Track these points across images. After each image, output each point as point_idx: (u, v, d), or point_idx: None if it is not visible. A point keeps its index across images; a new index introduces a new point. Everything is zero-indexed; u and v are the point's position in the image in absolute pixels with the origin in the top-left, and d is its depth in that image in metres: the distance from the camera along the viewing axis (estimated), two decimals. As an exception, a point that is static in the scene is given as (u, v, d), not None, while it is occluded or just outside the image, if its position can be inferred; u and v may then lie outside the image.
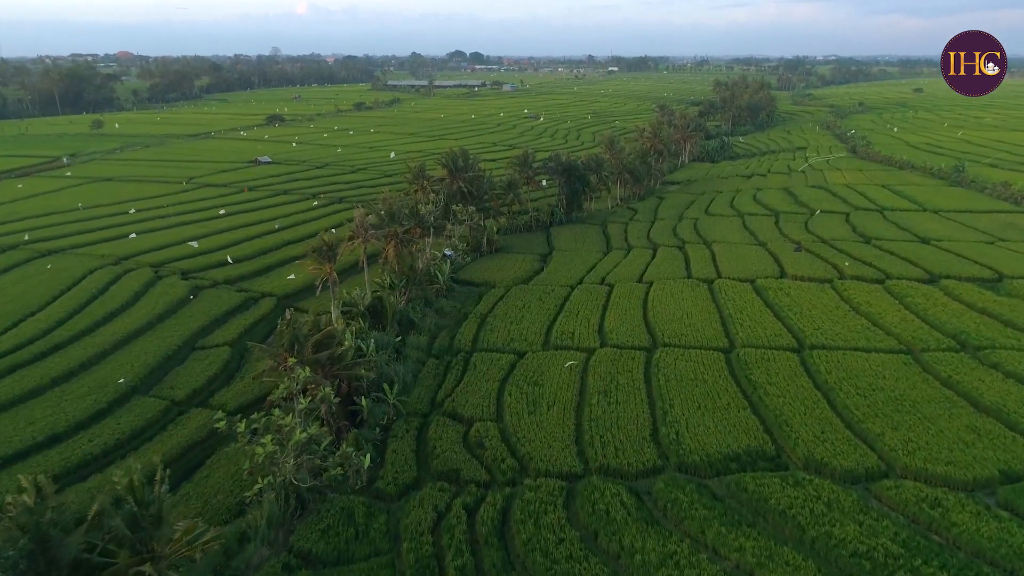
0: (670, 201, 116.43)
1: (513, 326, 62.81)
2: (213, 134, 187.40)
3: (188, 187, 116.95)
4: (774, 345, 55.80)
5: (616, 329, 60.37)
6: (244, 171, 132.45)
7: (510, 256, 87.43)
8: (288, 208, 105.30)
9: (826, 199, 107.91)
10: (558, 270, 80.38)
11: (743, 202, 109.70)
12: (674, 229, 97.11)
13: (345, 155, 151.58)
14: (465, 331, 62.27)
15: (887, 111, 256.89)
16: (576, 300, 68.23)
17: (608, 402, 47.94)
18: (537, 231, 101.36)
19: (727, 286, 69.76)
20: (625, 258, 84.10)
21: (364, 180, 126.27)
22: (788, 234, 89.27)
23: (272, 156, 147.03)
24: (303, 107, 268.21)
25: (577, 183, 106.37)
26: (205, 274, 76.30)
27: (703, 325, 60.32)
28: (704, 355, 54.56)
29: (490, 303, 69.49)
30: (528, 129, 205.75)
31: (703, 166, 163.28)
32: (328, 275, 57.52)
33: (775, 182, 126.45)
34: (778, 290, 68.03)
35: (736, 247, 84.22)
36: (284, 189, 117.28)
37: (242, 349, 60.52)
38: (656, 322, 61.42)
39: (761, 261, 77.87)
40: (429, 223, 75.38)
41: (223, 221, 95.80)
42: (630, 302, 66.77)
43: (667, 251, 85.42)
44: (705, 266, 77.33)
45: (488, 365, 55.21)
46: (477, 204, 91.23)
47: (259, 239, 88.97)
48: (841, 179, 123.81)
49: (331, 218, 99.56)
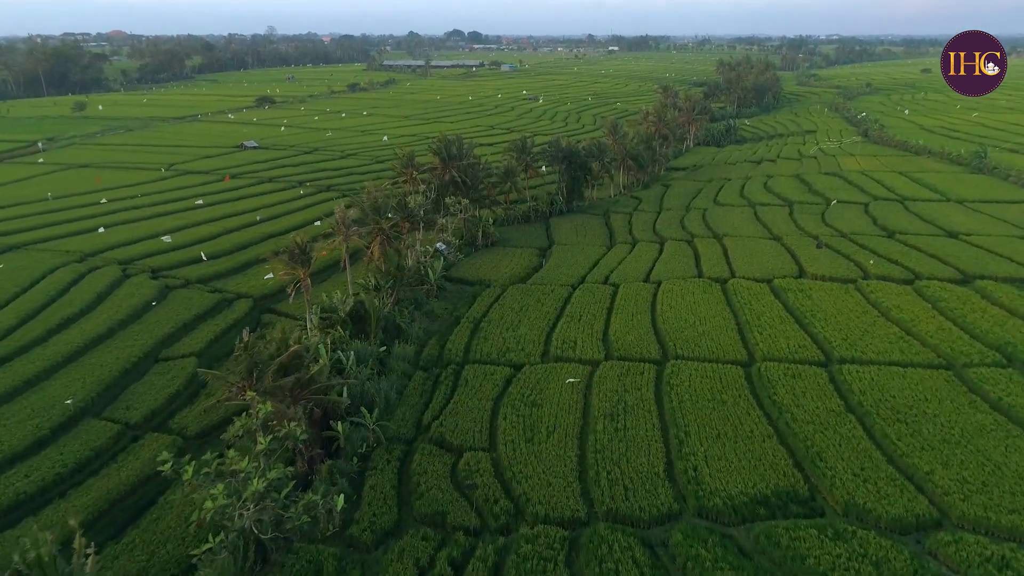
0: (676, 189, 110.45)
1: (509, 333, 57.31)
2: (200, 117, 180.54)
3: (167, 174, 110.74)
4: (798, 358, 50.27)
5: (622, 338, 54.84)
6: (228, 157, 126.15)
7: (507, 250, 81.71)
8: (272, 197, 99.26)
9: (842, 187, 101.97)
10: (558, 267, 74.72)
11: (754, 190, 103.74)
12: (682, 220, 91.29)
13: (335, 139, 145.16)
14: (456, 339, 56.77)
15: (896, 92, 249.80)
16: (578, 303, 62.67)
17: (615, 428, 42.51)
18: (536, 222, 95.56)
19: (742, 287, 64.16)
20: (630, 253, 78.38)
21: (354, 167, 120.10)
22: (804, 226, 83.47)
23: (259, 140, 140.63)
24: (296, 88, 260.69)
25: (578, 171, 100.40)
26: (177, 272, 70.57)
27: (718, 334, 54.77)
28: (721, 370, 49.07)
29: (484, 305, 63.94)
30: (527, 111, 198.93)
31: (709, 150, 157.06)
32: (301, 281, 51.73)
33: (786, 168, 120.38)
34: (798, 292, 62.43)
35: (749, 241, 78.48)
36: (269, 176, 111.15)
37: (211, 360, 55.02)
38: (666, 330, 55.87)
39: (777, 258, 72.18)
40: (418, 217, 69.59)
41: (201, 212, 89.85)
42: (637, 306, 61.19)
43: (675, 246, 79.68)
44: (717, 263, 71.65)
45: (481, 380, 49.76)
46: (471, 195, 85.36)
47: (238, 232, 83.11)
48: (855, 165, 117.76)
49: (317, 208, 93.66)
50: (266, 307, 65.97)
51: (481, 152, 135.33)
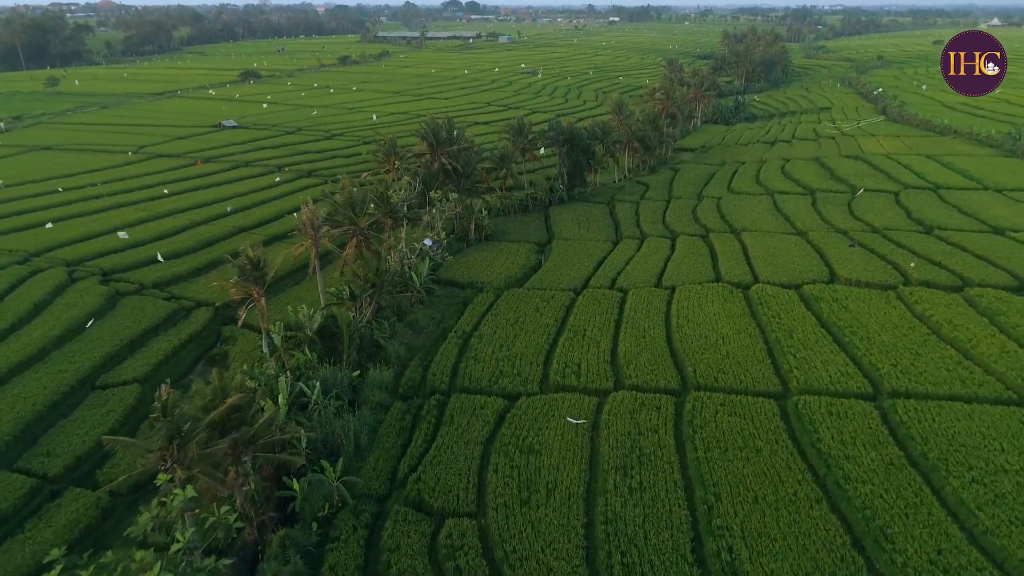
0: (686, 174, 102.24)
1: (503, 351, 49.83)
2: (180, 93, 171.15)
3: (135, 158, 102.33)
4: (841, 390, 42.81)
5: (634, 361, 47.34)
6: (204, 138, 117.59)
7: (502, 246, 73.94)
8: (247, 184, 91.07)
9: (867, 173, 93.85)
10: (559, 267, 67.01)
11: (771, 176, 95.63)
12: (694, 211, 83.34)
13: (321, 118, 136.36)
14: (443, 359, 49.29)
15: (908, 65, 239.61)
16: (581, 313, 55.11)
17: (629, 487, 35.17)
18: (534, 211, 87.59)
19: (768, 295, 56.56)
20: (639, 251, 70.60)
21: (339, 149, 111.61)
22: (831, 220, 75.59)
23: (239, 119, 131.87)
24: (284, 61, 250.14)
25: (580, 154, 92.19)
26: (131, 275, 62.85)
27: (744, 356, 47.26)
28: (751, 405, 41.66)
29: (476, 315, 56.39)
30: (525, 86, 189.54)
31: (717, 129, 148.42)
32: (255, 301, 43.93)
33: (803, 151, 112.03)
34: (832, 301, 54.83)
35: (771, 238, 70.68)
36: (245, 160, 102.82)
37: (156, 387, 47.50)
38: (684, 350, 48.36)
39: (804, 258, 64.48)
40: (402, 213, 61.69)
41: (165, 203, 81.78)
42: (649, 318, 53.62)
43: (688, 242, 71.87)
44: (737, 264, 63.95)
45: (469, 415, 42.38)
46: (463, 184, 77.34)
47: (205, 226, 75.17)
48: (878, 147, 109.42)
49: (295, 197, 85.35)
50: (230, 317, 58.31)
51: (476, 132, 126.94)
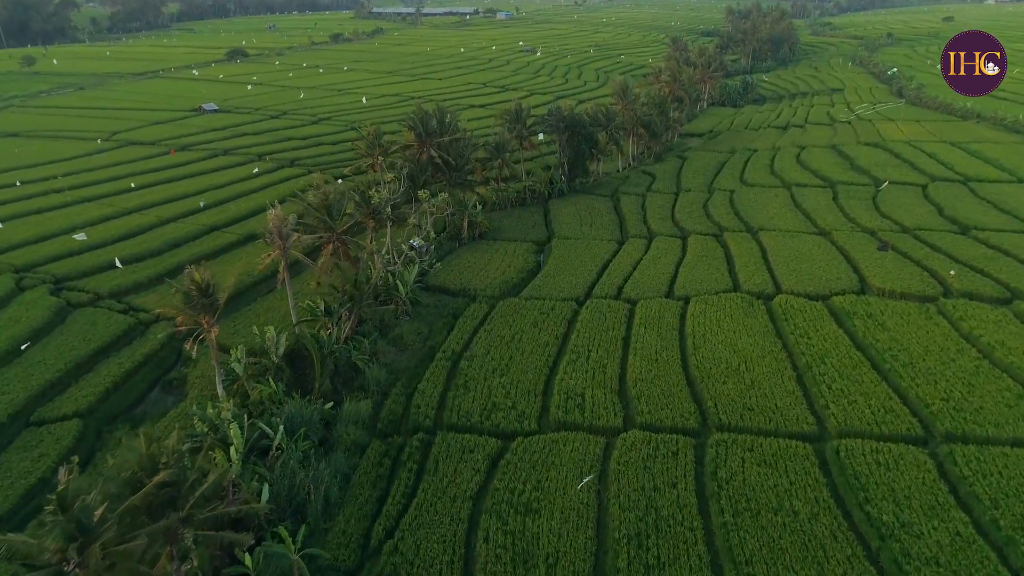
0: (695, 163, 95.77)
1: (496, 377, 44.03)
2: (162, 73, 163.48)
3: (105, 146, 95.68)
4: (887, 432, 37.03)
5: (646, 391, 41.54)
6: (182, 123, 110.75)
7: (497, 245, 67.89)
8: (224, 176, 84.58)
9: (889, 163, 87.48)
10: (559, 271, 61.00)
11: (786, 166, 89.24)
12: (705, 206, 77.11)
13: (308, 100, 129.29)
14: (429, 386, 43.49)
15: (919, 43, 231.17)
16: (585, 329, 49.22)
17: (646, 564, 29.50)
18: (532, 205, 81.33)
19: (793, 309, 50.64)
20: (647, 253, 64.50)
21: (325, 135, 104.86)
22: (855, 217, 69.46)
23: (221, 102, 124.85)
24: (274, 39, 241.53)
25: (582, 143, 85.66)
26: (86, 282, 56.83)
27: (772, 386, 41.46)
28: (783, 449, 35.93)
29: (467, 331, 50.51)
30: (523, 65, 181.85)
31: (725, 112, 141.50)
32: (206, 330, 37.88)
33: (818, 136, 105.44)
34: (866, 317, 48.93)
35: (791, 238, 64.61)
36: (225, 148, 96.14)
37: (101, 422, 41.77)
38: (702, 378, 42.55)
39: (830, 263, 58.50)
40: (385, 214, 55.48)
41: (132, 197, 75.39)
42: (661, 336, 47.76)
43: (701, 242, 65.77)
44: (756, 271, 57.94)
45: (457, 460, 36.70)
46: (455, 177, 71.04)
47: (174, 224, 68.94)
48: (898, 133, 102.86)
49: (275, 190, 79.13)
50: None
51: (471, 116, 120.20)
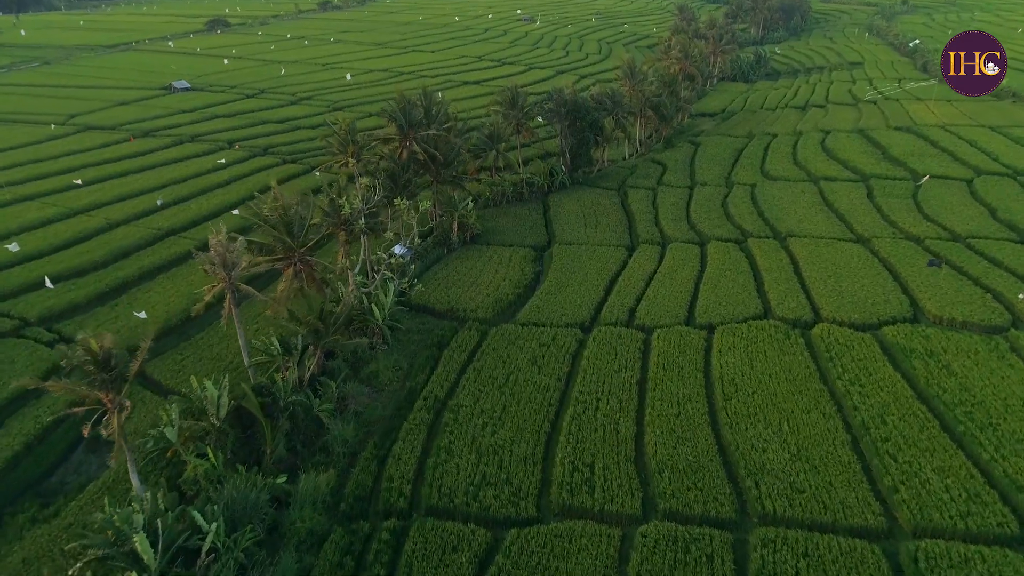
0: (709, 150, 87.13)
1: (487, 438, 36.55)
2: (135, 45, 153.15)
3: (60, 131, 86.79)
4: (974, 531, 29.54)
5: (669, 461, 34.00)
6: (150, 103, 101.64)
7: (491, 251, 60.01)
8: (188, 167, 75.93)
9: (925, 152, 79.05)
10: (562, 286, 53.12)
11: (811, 155, 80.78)
12: (724, 203, 68.95)
13: (289, 77, 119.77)
14: (405, 449, 35.99)
15: (937, 11, 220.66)
16: (592, 370, 41.60)
17: None
18: (531, 200, 73.12)
19: (837, 343, 42.96)
20: (661, 264, 56.50)
21: (304, 117, 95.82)
22: (896, 219, 61.43)
23: (194, 79, 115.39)
24: (259, 7, 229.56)
25: (586, 130, 77.09)
26: (13, 304, 48.87)
27: (823, 455, 33.91)
28: (846, 551, 28.48)
29: (453, 367, 42.93)
30: (521, 36, 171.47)
31: (737, 87, 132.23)
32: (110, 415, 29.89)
33: (842, 119, 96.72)
34: (926, 357, 41.26)
35: (825, 247, 56.67)
36: (193, 133, 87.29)
37: (4, 498, 34.21)
38: (736, 441, 35.00)
39: (874, 281, 50.67)
40: (358, 227, 47.34)
41: (80, 195, 66.95)
42: (683, 381, 40.13)
43: (722, 251, 57.74)
44: (789, 290, 50.08)
45: (436, 562, 29.25)
46: (444, 173, 62.71)
47: (124, 228, 60.78)
48: (930, 116, 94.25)
49: (244, 184, 70.85)
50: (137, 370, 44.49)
51: (465, 93, 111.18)
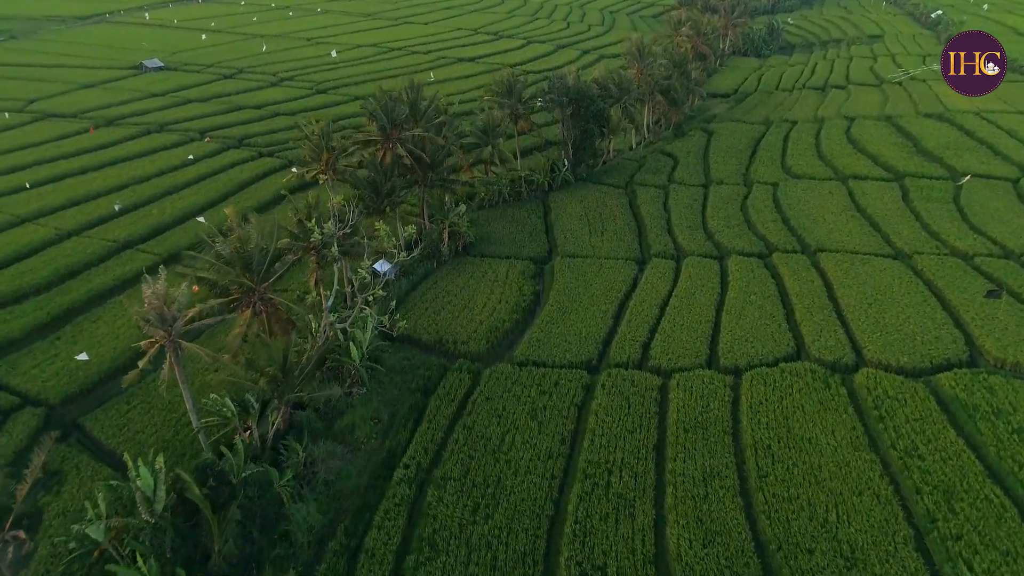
0: (723, 139, 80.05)
1: (479, 525, 30.77)
2: (109, 16, 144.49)
3: (15, 120, 79.52)
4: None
5: (698, 564, 28.22)
6: (118, 85, 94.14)
7: (486, 265, 53.79)
8: (153, 163, 69.03)
9: (962, 144, 72.21)
10: (564, 313, 46.92)
11: (836, 147, 73.91)
12: (743, 206, 62.42)
13: (271, 54, 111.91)
14: (379, 543, 30.28)
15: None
16: (601, 430, 35.77)
17: None
18: (530, 200, 66.57)
19: (885, 395, 36.99)
20: (676, 284, 50.09)
21: (284, 102, 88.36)
22: (938, 229, 54.95)
23: (168, 56, 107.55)
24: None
25: (591, 121, 70.08)
26: (-63, 341, 42.78)
27: (881, 560, 28.12)
28: None
29: (440, 424, 37.16)
30: (520, 5, 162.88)
31: (750, 64, 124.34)
32: None
33: (867, 103, 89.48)
34: (992, 417, 35.28)
35: (861, 264, 50.34)
36: (162, 122, 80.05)
37: None
38: (779, 541, 29.16)
39: (920, 309, 44.50)
40: (331, 256, 40.87)
41: (26, 200, 60.29)
42: (708, 446, 34.26)
43: (744, 268, 51.36)
44: (824, 322, 43.88)
45: None
46: (431, 177, 56.02)
47: (75, 240, 54.31)
48: (962, 100, 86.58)
49: (214, 183, 64.36)
50: (74, 417, 38.61)
51: (460, 71, 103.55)
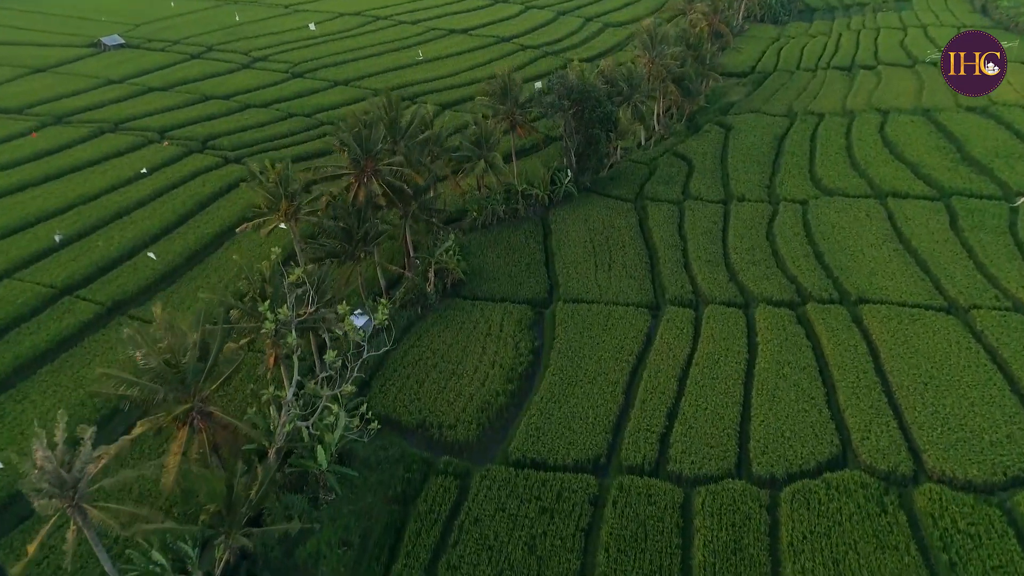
0: (742, 137, 71.73)
1: None
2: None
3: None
4: None
5: None
6: (70, 69, 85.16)
7: (477, 312, 47.17)
8: (104, 176, 60.96)
9: (1014, 151, 64.04)
10: (567, 386, 40.38)
11: (869, 150, 65.93)
12: (769, 233, 54.97)
13: (245, 26, 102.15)
14: None
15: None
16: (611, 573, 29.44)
17: None
18: (528, 218, 59.29)
19: (954, 525, 30.79)
20: (696, 347, 43.23)
21: (255, 90, 79.53)
22: (997, 276, 47.52)
23: (131, 31, 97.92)
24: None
25: (596, 125, 62.02)
26: None
27: None
28: None
29: (421, 558, 30.99)
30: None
31: (767, 33, 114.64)
32: None
33: (900, 91, 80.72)
34: (1089, 563, 29.00)
35: (911, 323, 43.37)
36: (117, 119, 71.49)
37: None
38: None
39: (984, 391, 37.86)
40: (287, 347, 33.86)
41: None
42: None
43: (774, 324, 44.36)
44: (875, 416, 37.17)
45: None
46: (415, 210, 48.52)
47: (3, 287, 47.12)
48: (1008, 90, 77.84)
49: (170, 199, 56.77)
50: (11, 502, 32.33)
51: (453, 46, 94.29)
